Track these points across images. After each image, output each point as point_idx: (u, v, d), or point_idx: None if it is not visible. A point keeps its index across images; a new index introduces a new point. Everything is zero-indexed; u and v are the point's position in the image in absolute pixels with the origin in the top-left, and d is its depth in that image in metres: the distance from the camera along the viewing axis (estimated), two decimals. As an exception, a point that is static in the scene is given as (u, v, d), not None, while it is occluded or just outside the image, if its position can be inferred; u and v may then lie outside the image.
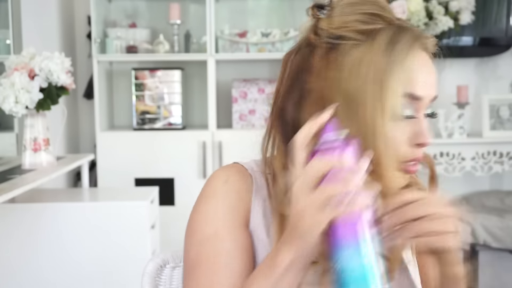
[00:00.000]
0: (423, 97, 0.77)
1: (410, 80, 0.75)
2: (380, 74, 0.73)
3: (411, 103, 0.76)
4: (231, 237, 0.78)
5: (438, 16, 2.95)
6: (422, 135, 0.77)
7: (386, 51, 0.74)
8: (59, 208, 2.11)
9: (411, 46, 0.75)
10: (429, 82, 0.78)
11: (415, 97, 0.76)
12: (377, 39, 0.75)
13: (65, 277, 2.08)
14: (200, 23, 3.12)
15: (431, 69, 0.79)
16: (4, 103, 1.94)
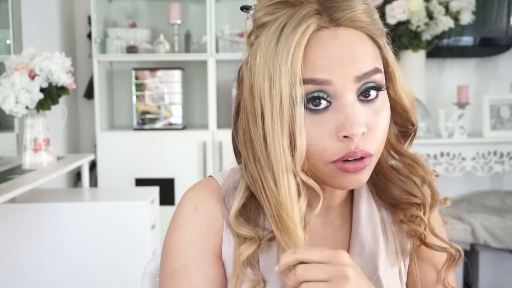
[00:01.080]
0: (331, 80, 0.65)
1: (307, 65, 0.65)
2: (270, 68, 0.65)
3: (319, 88, 0.66)
4: (201, 273, 0.73)
5: (439, 16, 2.95)
6: (344, 125, 0.65)
7: (274, 41, 0.66)
8: (59, 208, 2.11)
9: (299, 25, 0.64)
10: (336, 60, 0.65)
11: (317, 82, 0.65)
12: (270, 29, 0.67)
13: (65, 277, 2.08)
14: (200, 23, 3.12)
15: (340, 44, 0.66)
16: (4, 103, 1.94)
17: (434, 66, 3.25)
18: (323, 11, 0.66)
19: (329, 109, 0.67)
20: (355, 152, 0.66)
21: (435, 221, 0.80)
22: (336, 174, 0.69)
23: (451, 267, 0.77)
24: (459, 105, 3.03)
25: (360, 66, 0.66)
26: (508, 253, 2.91)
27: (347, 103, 0.66)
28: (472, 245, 2.92)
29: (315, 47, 0.65)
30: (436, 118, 3.06)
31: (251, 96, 0.69)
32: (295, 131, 0.66)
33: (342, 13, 0.66)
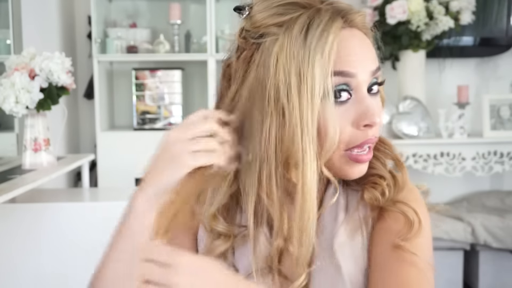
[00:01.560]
0: (355, 73, 0.73)
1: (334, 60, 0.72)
2: (299, 64, 0.71)
3: (345, 81, 0.73)
4: None
5: (439, 16, 2.95)
6: (365, 115, 0.74)
7: (301, 39, 0.72)
8: (60, 208, 2.11)
9: (326, 27, 0.72)
10: (359, 57, 0.74)
11: (345, 74, 0.73)
12: (292, 28, 0.72)
13: (65, 277, 2.08)
14: (200, 23, 3.12)
15: (359, 42, 0.74)
16: (4, 103, 1.94)
17: (434, 66, 3.25)
18: (336, 13, 0.74)
19: (349, 101, 0.74)
20: (372, 138, 0.75)
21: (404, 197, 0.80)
22: (346, 164, 0.76)
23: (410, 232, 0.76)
24: (459, 105, 3.03)
25: (372, 62, 0.76)
26: (508, 253, 2.91)
27: (365, 95, 0.75)
28: (472, 245, 2.92)
29: (340, 44, 0.73)
30: (436, 118, 3.06)
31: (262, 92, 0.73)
32: (327, 122, 0.72)
33: (354, 16, 0.75)
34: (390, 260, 0.75)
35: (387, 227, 0.78)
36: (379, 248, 0.77)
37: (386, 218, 0.79)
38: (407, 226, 0.76)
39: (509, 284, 2.92)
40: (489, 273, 2.93)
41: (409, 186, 0.82)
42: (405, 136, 2.98)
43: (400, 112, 3.01)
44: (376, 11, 3.02)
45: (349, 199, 0.82)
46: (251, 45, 0.76)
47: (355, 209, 0.80)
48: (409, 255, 0.75)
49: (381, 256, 0.76)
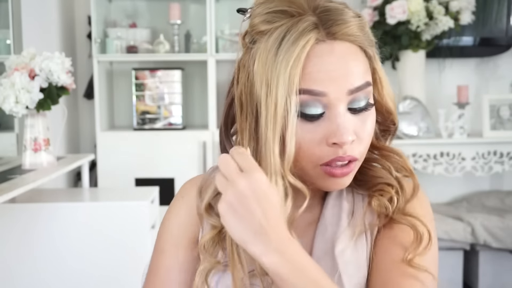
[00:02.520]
0: (326, 92, 0.70)
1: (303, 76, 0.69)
2: (268, 76, 0.70)
3: (314, 99, 0.70)
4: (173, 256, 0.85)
5: (439, 16, 2.95)
6: (334, 134, 0.71)
7: (274, 50, 0.70)
8: (59, 208, 2.11)
9: (296, 41, 0.68)
10: (332, 74, 0.70)
11: (313, 93, 0.70)
12: (270, 38, 0.71)
13: (65, 277, 2.08)
14: (200, 23, 3.12)
15: (336, 58, 0.70)
16: (4, 103, 1.94)
17: (434, 66, 3.25)
18: (320, 24, 0.70)
19: (323, 117, 0.72)
20: (343, 157, 0.73)
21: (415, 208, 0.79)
22: (323, 177, 0.75)
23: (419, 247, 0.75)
24: (459, 105, 3.03)
25: (353, 80, 0.71)
26: (508, 253, 2.91)
27: (339, 113, 0.71)
28: (472, 245, 2.92)
29: (312, 60, 0.69)
30: (436, 118, 3.06)
31: (249, 97, 0.74)
32: (286, 138, 0.70)
33: (338, 27, 0.70)
34: (395, 272, 0.74)
35: (395, 238, 0.77)
36: (384, 258, 0.76)
37: (394, 228, 0.78)
38: (417, 241, 0.75)
39: (509, 284, 2.92)
40: (489, 273, 2.93)
41: (419, 196, 0.81)
42: (405, 136, 2.98)
43: (400, 112, 3.01)
44: (376, 11, 3.02)
45: (355, 204, 0.81)
46: (246, 49, 0.76)
47: (361, 215, 0.80)
48: (416, 270, 0.74)
49: (386, 267, 0.75)
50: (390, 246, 0.77)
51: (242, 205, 0.64)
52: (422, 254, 0.75)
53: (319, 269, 0.65)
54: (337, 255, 0.77)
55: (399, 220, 0.78)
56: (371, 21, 3.01)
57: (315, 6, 0.72)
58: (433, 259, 0.77)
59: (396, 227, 0.78)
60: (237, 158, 0.66)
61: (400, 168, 0.81)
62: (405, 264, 0.74)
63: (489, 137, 3.01)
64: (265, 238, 0.63)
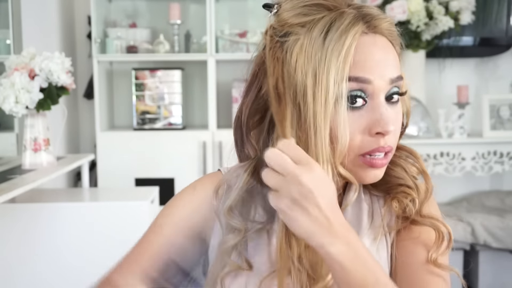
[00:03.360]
0: (371, 80, 0.73)
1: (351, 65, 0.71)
2: (315, 65, 0.71)
3: (360, 87, 0.73)
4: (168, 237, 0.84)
5: (439, 16, 2.95)
6: (378, 123, 0.73)
7: (320, 40, 0.72)
8: (59, 208, 2.11)
9: (345, 31, 0.71)
10: (377, 63, 0.73)
11: (361, 80, 0.72)
12: (313, 29, 0.73)
13: (65, 277, 2.08)
14: (200, 23, 3.12)
15: (379, 49, 0.74)
16: (4, 103, 1.94)
17: (434, 66, 3.25)
18: (360, 18, 0.74)
19: (364, 107, 0.74)
20: (384, 147, 0.75)
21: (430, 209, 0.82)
22: (361, 168, 0.76)
23: (441, 246, 0.78)
24: (459, 105, 3.03)
25: (393, 70, 0.76)
26: (508, 253, 2.91)
27: (381, 102, 0.74)
28: (472, 245, 2.92)
29: (359, 50, 0.73)
30: (436, 118, 3.06)
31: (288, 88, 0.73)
32: (338, 126, 0.72)
33: (378, 22, 0.75)
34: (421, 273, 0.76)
35: (418, 239, 0.79)
36: (408, 259, 0.78)
37: (414, 229, 0.80)
38: (439, 241, 0.78)
39: (509, 284, 2.92)
40: (489, 273, 2.93)
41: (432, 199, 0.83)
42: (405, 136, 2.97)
43: (400, 112, 3.01)
44: (376, 11, 3.02)
45: (373, 206, 0.82)
46: (276, 43, 0.76)
47: (380, 216, 0.81)
48: (440, 269, 0.77)
49: (412, 268, 0.77)
50: (414, 247, 0.79)
51: (307, 200, 0.63)
52: (444, 254, 0.78)
53: (375, 260, 0.67)
54: None
55: (420, 222, 0.79)
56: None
57: (349, 3, 0.76)
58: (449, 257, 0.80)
59: (416, 229, 0.80)
60: (289, 152, 0.65)
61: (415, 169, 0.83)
62: (430, 264, 0.77)
63: (489, 137, 3.01)
64: (332, 229, 0.64)
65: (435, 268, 0.76)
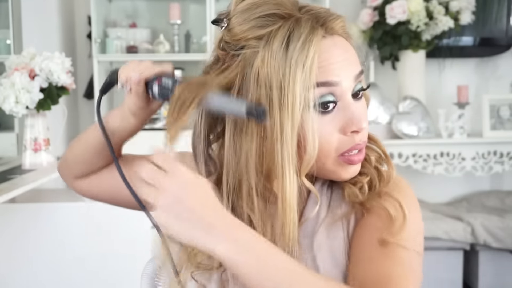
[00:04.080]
0: (339, 81, 0.73)
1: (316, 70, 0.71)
2: (280, 78, 0.70)
3: (329, 91, 0.73)
4: None
5: (439, 16, 2.95)
6: (352, 122, 0.74)
7: (282, 52, 0.71)
8: (59, 208, 2.11)
9: (307, 40, 0.71)
10: (341, 64, 0.74)
11: (330, 84, 0.73)
12: (273, 41, 0.72)
13: (65, 277, 2.08)
14: (200, 23, 3.12)
15: (340, 50, 0.74)
16: (4, 103, 1.94)
17: (434, 66, 3.25)
18: (316, 22, 0.73)
19: (335, 109, 0.74)
20: (359, 144, 0.76)
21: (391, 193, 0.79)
22: (341, 167, 0.77)
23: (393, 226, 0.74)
24: (459, 105, 3.03)
25: (355, 67, 0.76)
26: (508, 253, 2.91)
27: (350, 101, 0.75)
28: (472, 245, 2.92)
29: (321, 55, 0.72)
30: (436, 118, 3.06)
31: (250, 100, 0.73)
32: (307, 135, 0.72)
33: (333, 23, 0.74)
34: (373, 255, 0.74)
35: (371, 223, 0.78)
36: (362, 244, 0.76)
37: (370, 213, 0.78)
38: (389, 221, 0.76)
39: (509, 284, 2.92)
40: (489, 273, 2.93)
41: (396, 181, 0.81)
42: (405, 136, 2.98)
43: (400, 112, 3.01)
44: (376, 11, 3.02)
45: (332, 197, 0.82)
46: (231, 57, 0.76)
47: (337, 207, 0.80)
48: (393, 249, 0.74)
49: (364, 252, 0.75)
50: (367, 231, 0.77)
51: (178, 205, 0.64)
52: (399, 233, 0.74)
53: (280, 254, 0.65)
54: (315, 249, 0.77)
55: (372, 204, 0.78)
56: (371, 21, 3.01)
57: (299, 7, 0.75)
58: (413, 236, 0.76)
59: (372, 212, 0.78)
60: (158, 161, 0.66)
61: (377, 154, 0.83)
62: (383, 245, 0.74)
63: (489, 137, 3.01)
64: (213, 230, 0.63)
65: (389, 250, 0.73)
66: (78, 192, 1.04)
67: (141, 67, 0.86)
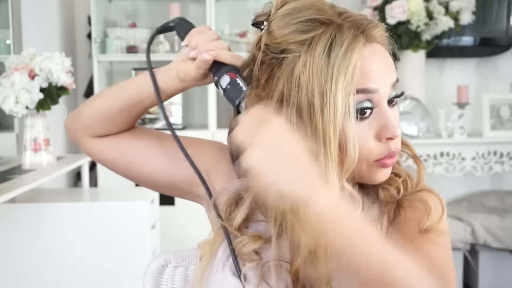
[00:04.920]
0: (377, 88, 0.75)
1: (358, 77, 0.73)
2: (322, 83, 0.72)
3: (367, 97, 0.75)
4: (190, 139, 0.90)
5: (439, 16, 2.95)
6: (387, 129, 0.76)
7: (324, 58, 0.72)
8: (59, 208, 2.11)
9: (349, 47, 0.72)
10: (380, 72, 0.75)
11: (368, 91, 0.74)
12: (315, 47, 0.73)
13: (65, 277, 2.08)
14: (200, 23, 3.09)
15: (379, 57, 0.76)
16: (4, 103, 1.94)
17: (434, 66, 3.25)
18: (357, 30, 0.74)
19: (371, 115, 0.76)
20: (394, 151, 0.78)
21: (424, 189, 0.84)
22: (376, 170, 0.78)
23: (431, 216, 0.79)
24: (459, 105, 3.03)
25: (393, 75, 0.77)
26: (508, 253, 2.91)
27: (386, 109, 0.76)
28: (472, 245, 2.92)
29: (362, 62, 0.74)
30: (436, 118, 3.06)
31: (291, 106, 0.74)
32: (348, 140, 0.73)
33: (373, 30, 0.76)
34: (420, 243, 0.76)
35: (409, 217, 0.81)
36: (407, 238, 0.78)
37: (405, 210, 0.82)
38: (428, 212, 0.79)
39: (509, 284, 2.92)
40: (489, 273, 2.93)
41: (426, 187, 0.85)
42: (405, 136, 2.98)
43: (400, 112, 3.01)
44: (376, 11, 3.02)
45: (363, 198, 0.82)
46: (270, 59, 0.76)
47: (369, 207, 0.82)
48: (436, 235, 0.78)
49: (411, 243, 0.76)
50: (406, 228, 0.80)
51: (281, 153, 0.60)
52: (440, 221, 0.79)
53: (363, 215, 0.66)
54: None
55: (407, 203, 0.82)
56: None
57: (339, 12, 0.76)
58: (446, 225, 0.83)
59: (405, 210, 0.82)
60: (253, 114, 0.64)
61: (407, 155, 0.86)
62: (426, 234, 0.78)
63: (489, 137, 3.01)
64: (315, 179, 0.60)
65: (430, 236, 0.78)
66: (90, 152, 0.92)
67: (219, 44, 0.81)
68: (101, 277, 2.09)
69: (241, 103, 0.78)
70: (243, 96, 0.77)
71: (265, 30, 0.78)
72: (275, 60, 0.76)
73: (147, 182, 0.92)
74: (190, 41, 0.82)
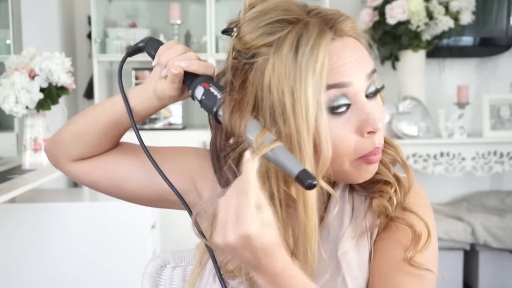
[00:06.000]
0: (350, 82, 0.72)
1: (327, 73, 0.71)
2: (291, 83, 0.70)
3: (342, 92, 0.72)
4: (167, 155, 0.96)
5: (439, 16, 2.95)
6: (367, 122, 0.73)
7: (291, 58, 0.71)
8: (59, 208, 2.11)
9: (316, 44, 0.70)
10: (352, 64, 0.73)
11: (341, 85, 0.72)
12: (282, 47, 0.71)
13: (65, 277, 2.08)
14: (200, 23, 3.12)
15: (351, 51, 0.73)
16: (4, 103, 1.94)
17: (434, 66, 3.25)
18: (325, 25, 0.72)
19: (349, 110, 0.74)
20: (378, 147, 0.75)
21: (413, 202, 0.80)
22: (360, 168, 0.76)
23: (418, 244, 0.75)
24: (459, 105, 3.03)
25: (367, 66, 0.75)
26: (508, 253, 2.91)
27: (364, 101, 0.74)
28: (472, 245, 2.92)
29: (332, 57, 0.72)
30: (436, 118, 3.06)
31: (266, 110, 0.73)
32: (321, 138, 0.71)
33: (343, 24, 0.74)
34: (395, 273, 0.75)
35: (394, 238, 0.78)
36: (384, 259, 0.77)
37: (393, 228, 0.78)
38: (416, 239, 0.76)
39: (509, 284, 2.92)
40: (489, 273, 2.93)
41: (415, 189, 0.82)
42: (405, 136, 2.98)
43: (400, 112, 3.01)
44: (376, 11, 3.02)
45: (355, 205, 0.82)
46: (244, 65, 0.75)
47: (362, 217, 0.80)
48: (416, 269, 0.75)
49: (386, 268, 0.76)
50: (390, 247, 0.77)
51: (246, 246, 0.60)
52: (422, 251, 0.75)
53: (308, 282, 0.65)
54: (340, 257, 0.77)
55: (398, 220, 0.78)
56: (371, 21, 3.01)
57: (308, 10, 0.75)
58: (432, 254, 0.77)
59: (395, 227, 0.78)
60: None
61: (394, 161, 0.82)
62: (405, 263, 0.75)
63: (489, 137, 3.01)
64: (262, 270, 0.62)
65: (411, 268, 0.75)
66: (74, 175, 0.92)
67: (188, 56, 0.82)
68: (101, 277, 2.09)
69: (218, 111, 0.77)
70: (219, 104, 0.77)
71: (236, 36, 0.77)
72: (248, 66, 0.75)
73: (135, 198, 0.95)
74: (159, 60, 0.81)
